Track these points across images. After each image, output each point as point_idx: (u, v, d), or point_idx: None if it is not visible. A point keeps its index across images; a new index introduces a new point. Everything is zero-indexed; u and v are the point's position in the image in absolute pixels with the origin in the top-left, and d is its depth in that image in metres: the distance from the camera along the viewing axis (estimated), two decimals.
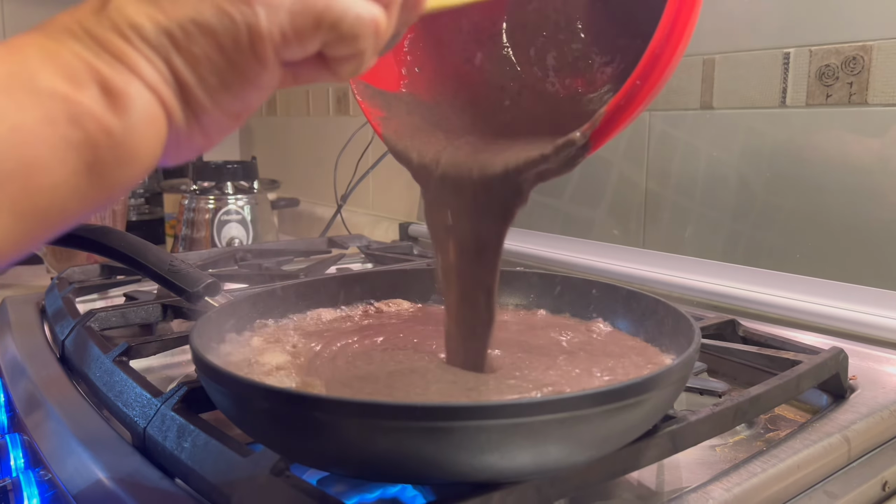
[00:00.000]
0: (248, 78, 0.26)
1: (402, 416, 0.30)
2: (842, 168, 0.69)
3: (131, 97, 0.25)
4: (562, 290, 0.54)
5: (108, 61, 0.25)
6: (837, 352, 0.51)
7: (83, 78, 0.24)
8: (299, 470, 0.38)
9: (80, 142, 0.24)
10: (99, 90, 0.24)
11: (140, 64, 0.25)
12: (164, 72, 0.25)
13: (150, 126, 0.25)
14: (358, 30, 0.27)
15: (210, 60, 0.25)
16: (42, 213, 0.24)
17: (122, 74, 0.25)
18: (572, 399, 0.31)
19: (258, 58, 0.26)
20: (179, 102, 0.26)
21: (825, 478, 0.43)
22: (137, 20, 0.25)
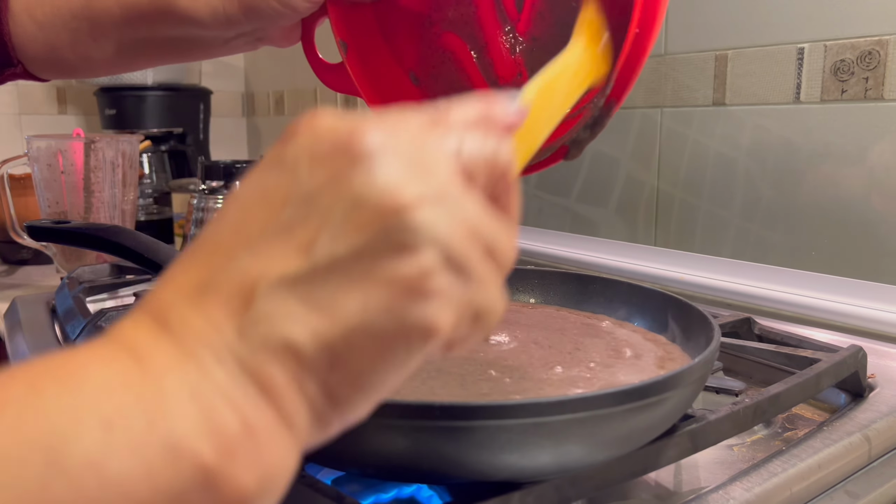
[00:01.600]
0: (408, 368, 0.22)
1: (422, 416, 0.29)
2: (858, 164, 0.69)
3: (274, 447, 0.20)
4: (576, 287, 0.53)
5: (251, 397, 0.20)
6: (857, 350, 0.50)
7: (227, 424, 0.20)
8: (313, 469, 0.38)
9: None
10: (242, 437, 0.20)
11: (288, 396, 0.21)
12: (317, 398, 0.21)
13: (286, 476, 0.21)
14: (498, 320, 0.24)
15: (371, 373, 0.21)
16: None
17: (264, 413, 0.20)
18: (593, 398, 0.30)
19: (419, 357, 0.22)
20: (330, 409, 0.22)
21: (846, 477, 0.43)
22: (293, 334, 0.20)
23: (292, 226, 0.21)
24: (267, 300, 0.20)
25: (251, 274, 0.21)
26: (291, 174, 0.22)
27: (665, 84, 0.84)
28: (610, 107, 0.38)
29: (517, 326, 0.49)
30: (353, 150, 0.21)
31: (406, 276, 0.21)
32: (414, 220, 0.21)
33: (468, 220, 0.22)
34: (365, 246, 0.21)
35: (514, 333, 0.47)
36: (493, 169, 0.24)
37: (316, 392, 0.21)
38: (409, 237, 0.21)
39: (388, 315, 0.21)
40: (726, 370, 0.57)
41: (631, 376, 0.40)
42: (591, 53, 0.40)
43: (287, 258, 0.21)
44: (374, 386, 0.22)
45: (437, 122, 0.24)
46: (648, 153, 0.87)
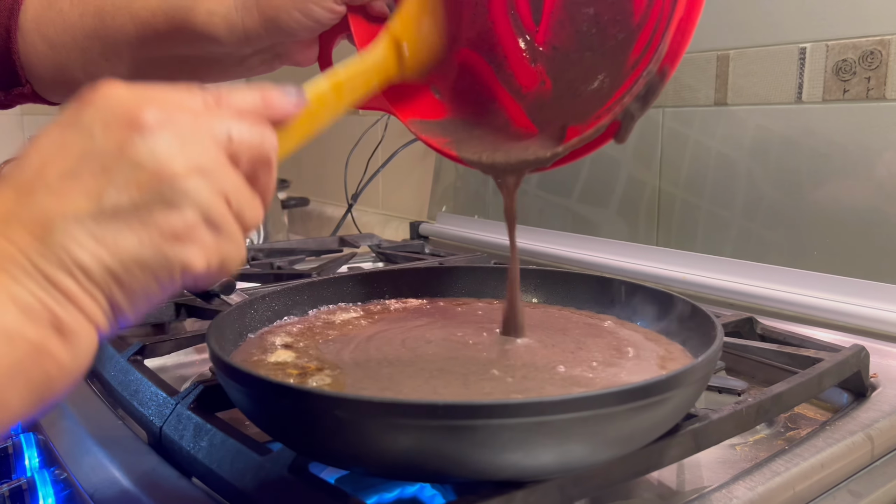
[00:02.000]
0: (163, 298, 0.30)
1: (425, 415, 0.29)
2: (860, 164, 0.69)
3: (79, 334, 0.27)
4: (578, 287, 0.53)
5: (59, 301, 0.27)
6: (859, 349, 0.50)
7: (41, 319, 0.26)
8: (317, 468, 0.38)
9: (39, 379, 0.26)
10: (54, 331, 0.27)
11: (86, 302, 0.27)
12: (104, 303, 0.28)
13: (90, 352, 0.28)
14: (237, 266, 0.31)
15: (144, 287, 0.28)
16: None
17: (72, 314, 0.27)
18: (596, 397, 0.30)
19: (176, 286, 0.29)
20: (109, 318, 0.29)
21: (849, 477, 0.43)
22: (83, 259, 0.27)
23: (85, 176, 0.27)
24: (62, 231, 0.27)
25: (50, 209, 0.27)
26: (87, 134, 0.28)
27: (667, 84, 0.84)
28: (664, 73, 0.38)
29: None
30: (138, 121, 0.28)
31: (172, 226, 0.28)
32: (182, 185, 0.28)
33: (225, 190, 0.29)
34: (142, 201, 0.27)
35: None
36: (256, 154, 0.31)
37: (104, 299, 0.28)
38: (178, 198, 0.28)
39: (156, 253, 0.28)
40: (728, 370, 0.57)
41: (633, 376, 0.40)
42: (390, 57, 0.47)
43: (80, 200, 0.27)
44: (143, 300, 0.29)
45: (216, 104, 0.31)
46: (650, 153, 0.87)
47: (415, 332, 0.48)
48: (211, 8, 0.48)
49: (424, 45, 0.49)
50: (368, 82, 0.45)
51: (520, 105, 0.50)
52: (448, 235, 1.11)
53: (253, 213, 0.31)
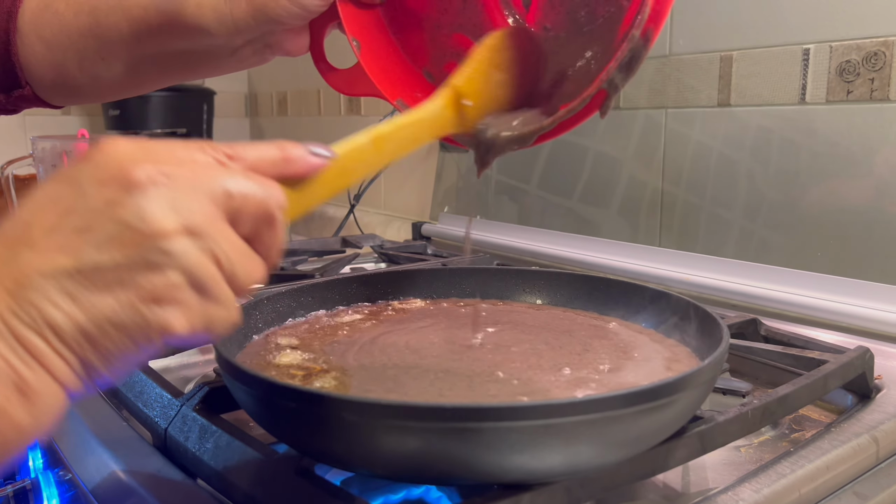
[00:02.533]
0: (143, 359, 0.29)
1: (432, 417, 0.29)
2: (864, 165, 0.69)
3: (43, 395, 0.26)
4: (583, 289, 0.53)
5: (26, 360, 0.26)
6: (864, 351, 0.50)
7: (4, 379, 0.26)
8: (322, 470, 0.38)
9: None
10: (15, 391, 0.26)
11: (55, 362, 0.26)
12: (76, 364, 0.27)
13: (53, 413, 0.27)
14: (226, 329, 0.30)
15: (119, 349, 0.27)
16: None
17: (37, 374, 0.26)
18: (604, 400, 0.30)
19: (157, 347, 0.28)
20: (81, 381, 0.28)
21: (854, 478, 0.43)
22: (55, 318, 0.26)
23: (67, 232, 0.26)
24: (36, 288, 0.26)
25: (27, 265, 0.26)
26: (78, 190, 0.27)
27: (669, 85, 0.84)
28: (647, 36, 0.38)
29: (524, 328, 0.49)
30: (128, 180, 0.26)
31: (153, 288, 0.27)
32: (166, 245, 0.26)
33: (215, 251, 0.28)
34: (123, 260, 0.26)
35: (522, 335, 0.47)
36: (258, 211, 0.29)
37: (75, 360, 0.27)
38: (160, 259, 0.26)
39: (134, 315, 0.27)
40: (732, 371, 0.57)
41: (639, 378, 0.40)
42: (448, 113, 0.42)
43: (59, 257, 0.26)
44: (120, 361, 0.28)
45: (227, 159, 0.30)
46: (652, 154, 0.87)
47: (419, 333, 0.48)
48: (200, 1, 0.49)
49: (489, 100, 0.46)
50: (418, 138, 0.41)
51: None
52: (450, 236, 1.11)
53: (248, 274, 0.29)
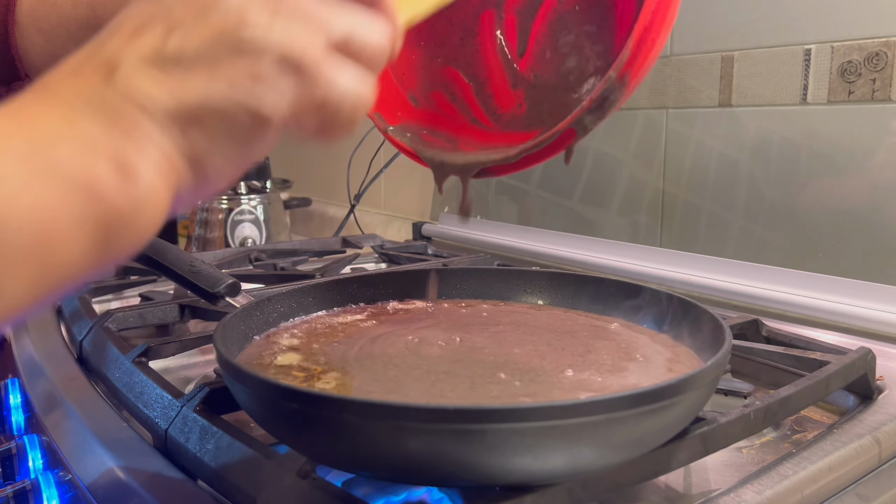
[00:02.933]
0: (251, 149, 0.28)
1: (435, 419, 0.29)
2: (865, 165, 0.69)
3: (142, 175, 0.25)
4: (584, 289, 0.53)
5: (122, 135, 0.25)
6: (865, 352, 0.50)
7: (98, 155, 0.25)
8: (323, 471, 0.38)
9: (94, 219, 0.24)
10: (112, 168, 0.25)
11: (153, 141, 0.25)
12: (176, 148, 0.26)
13: (157, 199, 0.26)
14: (354, 112, 0.29)
15: (219, 137, 0.26)
16: (57, 280, 0.24)
17: (135, 152, 0.25)
18: (607, 401, 0.30)
19: (264, 135, 0.27)
20: (188, 173, 0.27)
21: (857, 480, 0.43)
22: (152, 92, 0.25)
23: (158, 24, 0.26)
24: (130, 67, 0.26)
25: (118, 50, 0.26)
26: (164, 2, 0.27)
27: (670, 85, 0.84)
28: (624, 80, 0.38)
29: (526, 328, 0.49)
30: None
31: (241, 71, 0.26)
32: (253, 27, 0.26)
33: (313, 27, 0.27)
34: (210, 44, 0.26)
35: (524, 336, 0.47)
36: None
37: (171, 144, 0.26)
38: (247, 39, 0.26)
39: (227, 99, 0.26)
40: (734, 372, 0.56)
41: (642, 379, 0.40)
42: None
43: (149, 41, 0.26)
44: (220, 154, 0.27)
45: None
46: (652, 154, 0.87)
47: (419, 333, 0.47)
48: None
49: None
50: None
51: (493, 123, 0.50)
52: (450, 236, 1.11)
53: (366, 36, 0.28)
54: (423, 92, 0.52)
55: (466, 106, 0.51)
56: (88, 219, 0.24)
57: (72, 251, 0.24)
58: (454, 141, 0.49)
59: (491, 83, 0.51)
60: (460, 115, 0.51)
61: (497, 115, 0.50)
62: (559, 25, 0.49)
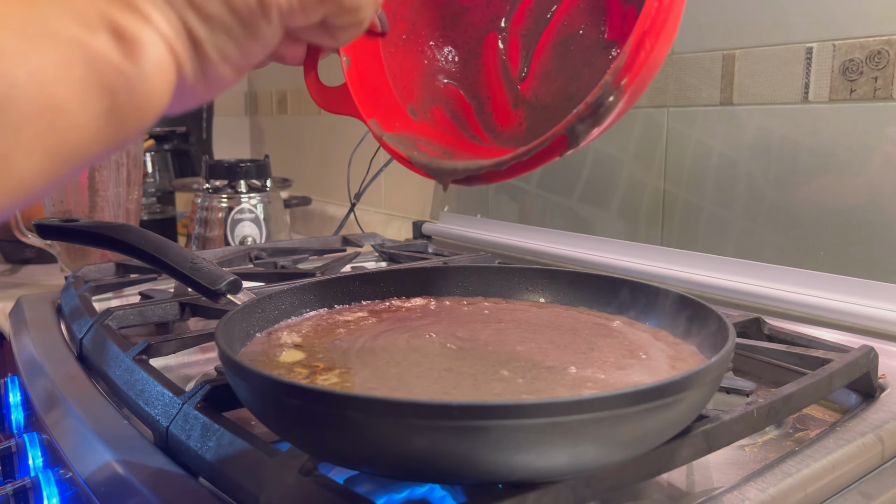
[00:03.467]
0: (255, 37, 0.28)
1: (438, 415, 0.29)
2: (867, 164, 0.69)
3: (144, 44, 0.26)
4: (586, 287, 0.53)
5: (120, 9, 0.25)
6: (868, 350, 0.50)
7: (96, 24, 0.25)
8: (325, 469, 0.38)
9: (97, 85, 0.25)
10: (112, 36, 0.25)
11: (153, 14, 0.26)
12: (177, 24, 0.26)
13: (161, 73, 0.26)
14: (359, 2, 0.29)
15: (221, 18, 0.27)
16: (67, 151, 0.24)
17: (134, 22, 0.26)
18: (610, 398, 0.30)
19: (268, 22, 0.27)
20: (190, 54, 0.27)
21: (860, 478, 0.42)
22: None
23: None
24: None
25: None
26: None
27: (670, 84, 0.84)
28: (620, 87, 0.37)
29: (528, 326, 0.49)
30: None
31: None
32: None
33: None
34: None
35: (527, 333, 0.47)
36: None
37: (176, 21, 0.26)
38: None
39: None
40: (736, 370, 0.56)
41: (644, 377, 0.39)
42: None
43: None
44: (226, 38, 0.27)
45: None
46: (653, 153, 0.86)
47: (421, 331, 0.47)
48: None
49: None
50: None
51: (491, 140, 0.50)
52: (451, 235, 1.11)
53: None
54: (422, 107, 0.52)
55: (466, 123, 0.52)
56: (91, 85, 0.24)
57: (79, 117, 0.24)
58: (450, 154, 0.50)
59: (492, 102, 0.52)
60: (459, 131, 0.51)
61: (496, 133, 0.50)
62: (563, 48, 0.49)
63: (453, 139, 0.50)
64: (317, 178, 1.62)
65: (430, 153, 0.48)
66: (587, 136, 0.38)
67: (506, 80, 0.51)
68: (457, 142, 0.50)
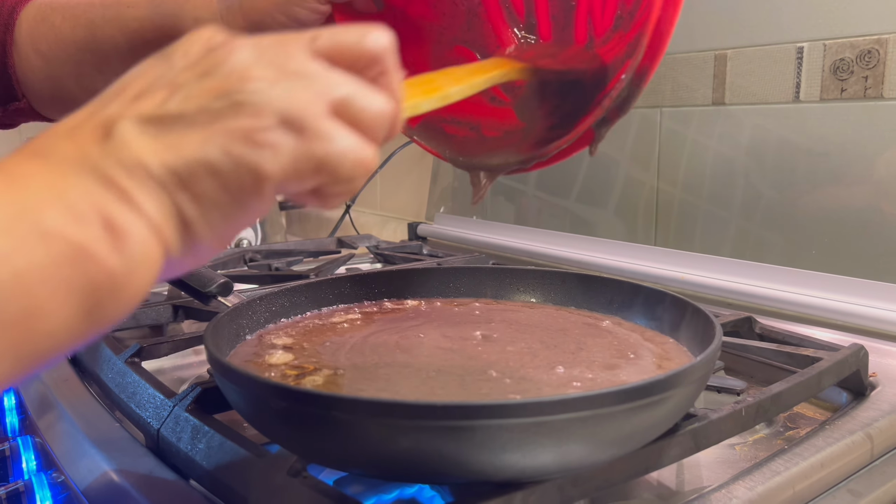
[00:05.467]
0: (246, 210, 0.27)
1: (423, 415, 0.29)
2: (857, 163, 0.69)
3: (133, 236, 0.25)
4: (577, 287, 0.53)
5: (113, 199, 0.24)
6: (858, 348, 0.50)
7: (89, 217, 0.24)
8: (315, 470, 0.38)
9: (82, 285, 0.24)
10: (102, 229, 0.24)
11: (145, 202, 0.25)
12: (168, 209, 0.25)
13: (148, 263, 0.25)
14: (353, 173, 0.28)
15: (213, 198, 0.26)
16: (38, 355, 0.23)
17: (126, 213, 0.24)
18: (595, 397, 0.30)
19: (259, 196, 0.26)
20: (179, 235, 0.26)
21: (849, 476, 0.43)
22: (145, 158, 0.25)
23: (158, 89, 0.26)
24: (124, 131, 0.25)
25: (114, 113, 0.26)
26: (168, 61, 0.27)
27: (664, 84, 0.84)
28: (642, 76, 0.38)
29: (519, 326, 0.49)
30: (217, 46, 0.27)
31: (241, 127, 0.26)
32: (254, 87, 0.26)
33: (314, 89, 0.27)
34: (210, 105, 0.26)
35: (517, 333, 0.47)
36: (356, 53, 0.29)
37: (167, 202, 0.25)
38: (247, 99, 0.26)
39: (223, 156, 0.25)
40: (727, 369, 0.57)
41: (632, 376, 0.40)
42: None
43: (144, 106, 0.26)
44: (221, 212, 0.26)
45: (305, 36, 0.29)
46: (648, 153, 0.87)
47: (411, 332, 0.47)
48: (197, 15, 0.49)
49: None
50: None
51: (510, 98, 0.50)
52: (446, 236, 1.11)
53: (368, 106, 0.28)
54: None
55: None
56: (76, 286, 0.23)
57: (57, 321, 0.23)
58: (476, 127, 0.49)
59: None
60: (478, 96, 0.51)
61: (514, 90, 0.50)
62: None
63: (475, 107, 0.50)
64: None
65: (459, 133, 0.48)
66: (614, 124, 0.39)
67: (514, 32, 0.51)
68: (479, 109, 0.50)
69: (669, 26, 0.38)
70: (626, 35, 0.44)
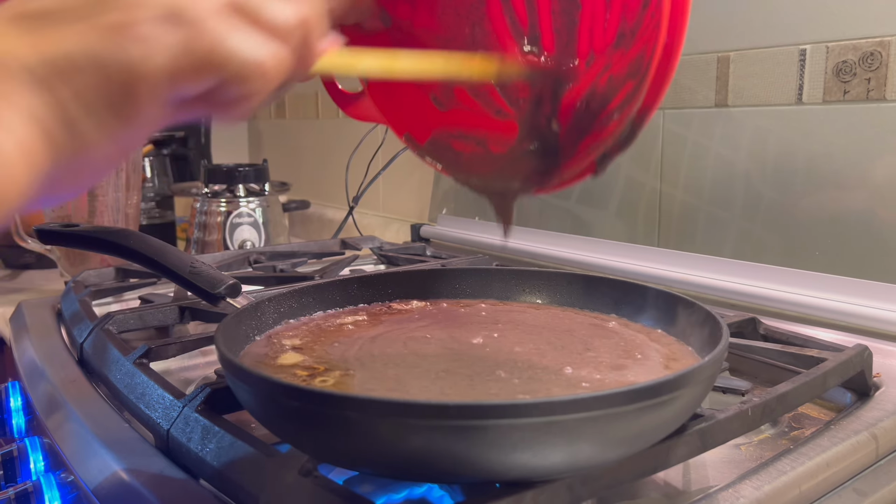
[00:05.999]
0: (132, 113, 0.26)
1: (435, 415, 0.29)
2: (860, 165, 0.69)
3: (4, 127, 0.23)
4: (582, 288, 0.53)
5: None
6: (862, 349, 0.51)
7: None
8: (325, 469, 0.38)
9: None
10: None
11: (18, 94, 0.24)
12: (49, 103, 0.24)
13: (23, 158, 0.24)
14: (245, 72, 0.26)
15: (96, 95, 0.25)
16: None
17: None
18: (606, 396, 0.30)
19: (141, 93, 0.25)
20: (66, 132, 0.25)
21: (854, 475, 0.43)
22: (19, 50, 0.24)
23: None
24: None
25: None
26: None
27: None
28: (644, 115, 0.38)
29: (525, 327, 0.49)
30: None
31: (115, 21, 0.25)
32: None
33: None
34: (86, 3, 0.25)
35: (523, 334, 0.47)
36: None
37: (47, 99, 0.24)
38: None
39: (99, 49, 0.24)
40: (732, 370, 0.57)
41: (640, 376, 0.40)
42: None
43: (21, 3, 0.25)
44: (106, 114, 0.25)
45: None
46: (649, 155, 0.87)
47: (419, 333, 0.48)
48: None
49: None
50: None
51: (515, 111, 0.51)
52: (449, 237, 1.12)
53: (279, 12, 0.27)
54: (445, 93, 0.52)
55: (489, 98, 0.52)
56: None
57: None
58: (483, 142, 0.50)
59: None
60: (483, 109, 0.52)
61: (517, 103, 0.51)
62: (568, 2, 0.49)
63: (481, 120, 0.51)
64: (315, 182, 1.62)
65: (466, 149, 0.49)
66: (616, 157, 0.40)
67: (518, 45, 0.51)
68: (485, 123, 0.51)
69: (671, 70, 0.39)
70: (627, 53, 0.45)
